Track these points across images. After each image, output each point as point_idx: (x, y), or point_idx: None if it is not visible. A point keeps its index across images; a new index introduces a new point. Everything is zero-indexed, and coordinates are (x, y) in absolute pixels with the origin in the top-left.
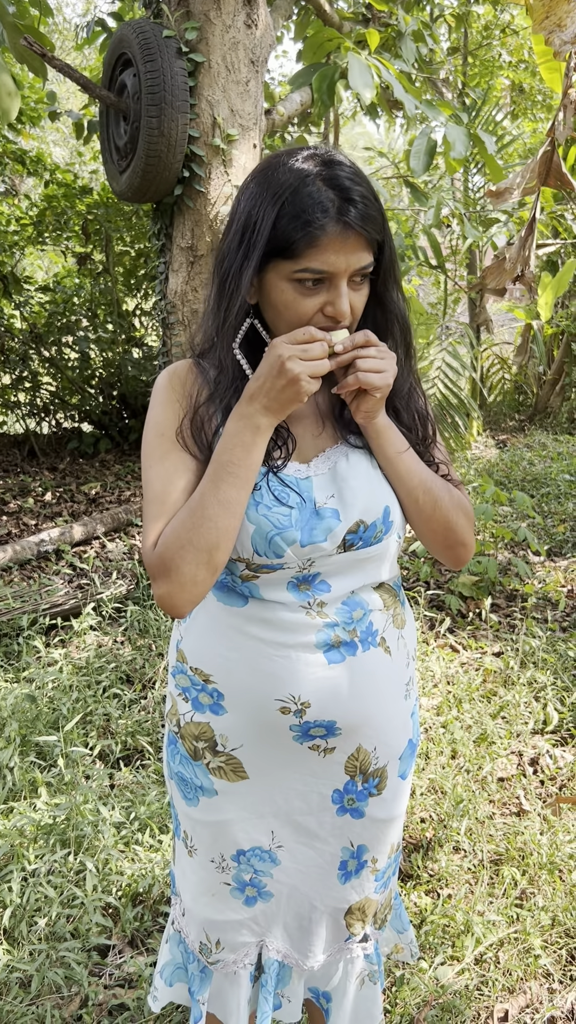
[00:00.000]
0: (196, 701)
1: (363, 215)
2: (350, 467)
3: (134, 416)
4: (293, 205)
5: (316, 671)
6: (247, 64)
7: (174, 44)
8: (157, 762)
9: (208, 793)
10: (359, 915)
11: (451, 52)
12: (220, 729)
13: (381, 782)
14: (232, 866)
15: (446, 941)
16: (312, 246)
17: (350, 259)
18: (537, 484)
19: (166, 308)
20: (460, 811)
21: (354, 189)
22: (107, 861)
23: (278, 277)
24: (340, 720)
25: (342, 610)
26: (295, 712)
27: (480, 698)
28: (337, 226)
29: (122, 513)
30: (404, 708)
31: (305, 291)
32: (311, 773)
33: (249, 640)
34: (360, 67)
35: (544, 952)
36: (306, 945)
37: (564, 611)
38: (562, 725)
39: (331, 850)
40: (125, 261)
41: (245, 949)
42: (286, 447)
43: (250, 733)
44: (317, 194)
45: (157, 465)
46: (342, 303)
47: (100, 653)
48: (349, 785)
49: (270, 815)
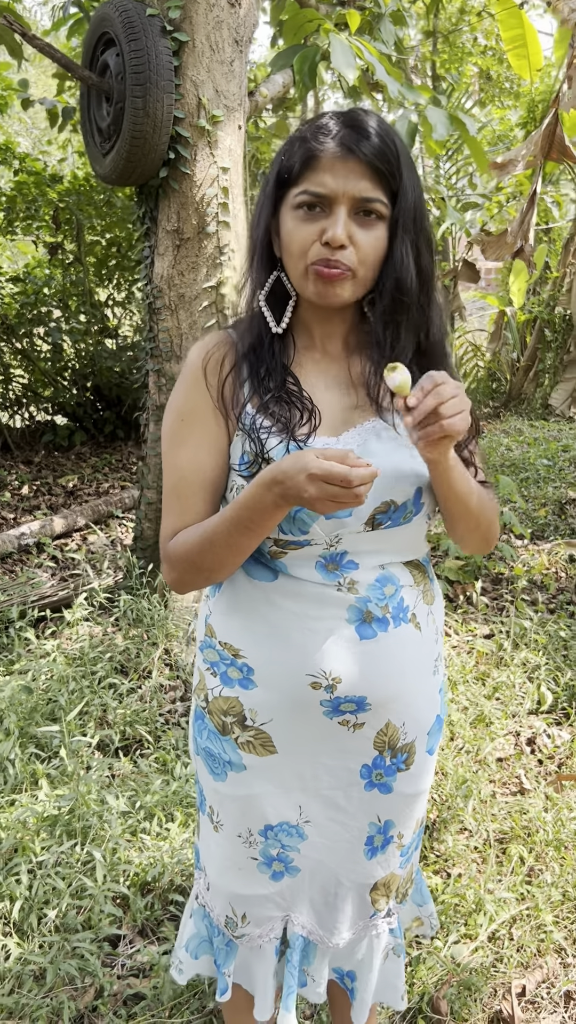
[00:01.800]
0: (225, 676)
1: (369, 144)
2: (382, 445)
3: (109, 408)
4: (301, 134)
5: (348, 646)
6: (231, 44)
7: (158, 23)
8: (158, 750)
9: (237, 768)
10: (384, 891)
11: (427, 35)
12: (249, 704)
13: (409, 757)
14: (259, 841)
15: (458, 920)
16: (310, 168)
17: (348, 183)
18: (516, 469)
19: (152, 293)
20: (463, 792)
21: (364, 121)
22: (115, 851)
23: (287, 209)
24: (371, 696)
25: (374, 586)
26: (326, 687)
27: (474, 680)
28: (338, 148)
29: (102, 505)
30: (433, 684)
31: (305, 217)
32: (340, 748)
33: (280, 614)
34: (343, 48)
35: (556, 927)
36: (332, 922)
37: (551, 593)
38: (557, 705)
39: (358, 825)
40: (97, 251)
41: (271, 924)
42: (312, 421)
43: (280, 708)
44: (325, 121)
45: (174, 453)
46: (337, 228)
47: (93, 644)
48: (378, 760)
49: (298, 790)
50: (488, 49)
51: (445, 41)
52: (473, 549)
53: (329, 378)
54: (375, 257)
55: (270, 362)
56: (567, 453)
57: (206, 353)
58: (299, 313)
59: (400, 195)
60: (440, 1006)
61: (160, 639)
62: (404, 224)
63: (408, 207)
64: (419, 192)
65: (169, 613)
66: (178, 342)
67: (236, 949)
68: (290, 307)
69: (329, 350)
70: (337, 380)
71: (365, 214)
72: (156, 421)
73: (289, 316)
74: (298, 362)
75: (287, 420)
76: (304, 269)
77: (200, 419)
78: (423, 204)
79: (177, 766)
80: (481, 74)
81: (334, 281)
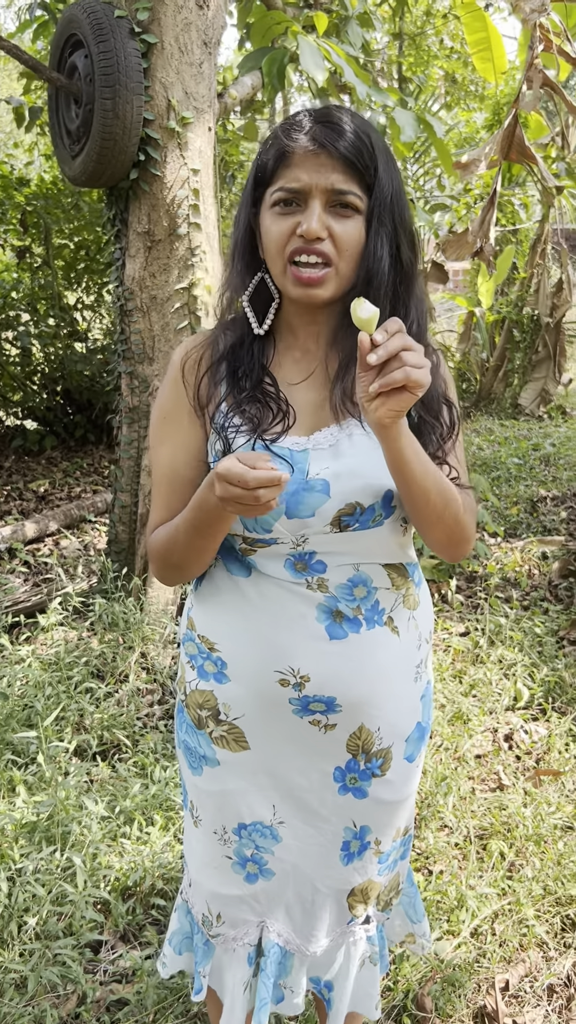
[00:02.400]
0: (201, 669)
1: (341, 138)
2: (352, 445)
3: (79, 411)
4: (275, 132)
5: (317, 645)
6: (200, 45)
7: (126, 24)
8: (136, 754)
9: (211, 763)
10: (361, 897)
11: (394, 37)
12: (223, 698)
13: (385, 763)
14: (234, 839)
15: (441, 917)
16: (283, 164)
17: (321, 177)
18: (487, 468)
19: (123, 295)
20: (443, 789)
21: (337, 116)
22: (95, 856)
23: (264, 209)
24: (340, 697)
25: (344, 587)
26: (294, 685)
27: (451, 677)
28: (309, 143)
29: (74, 509)
30: (413, 690)
31: (281, 213)
32: (312, 749)
33: (253, 609)
34: (311, 50)
35: (538, 921)
36: (308, 929)
37: (525, 590)
38: (533, 700)
39: (333, 829)
40: (65, 254)
41: (245, 927)
42: (285, 421)
43: (251, 703)
44: (298, 119)
45: (157, 450)
46: (311, 219)
47: (69, 648)
48: (351, 764)
49: (271, 788)
50: (453, 52)
51: (411, 44)
52: (440, 550)
53: (308, 377)
54: (353, 249)
55: (248, 362)
56: (537, 452)
57: (186, 352)
58: (283, 312)
59: (376, 188)
60: (425, 1003)
61: (136, 643)
62: (380, 217)
63: (384, 200)
64: (398, 186)
65: (145, 616)
66: (150, 344)
67: (213, 950)
68: (273, 308)
69: (311, 348)
70: (316, 378)
71: (341, 207)
72: (129, 424)
73: (272, 318)
74: (278, 362)
75: (259, 419)
76: (283, 267)
77: (178, 418)
78: (403, 198)
79: (156, 770)
80: (447, 77)
81: (314, 284)
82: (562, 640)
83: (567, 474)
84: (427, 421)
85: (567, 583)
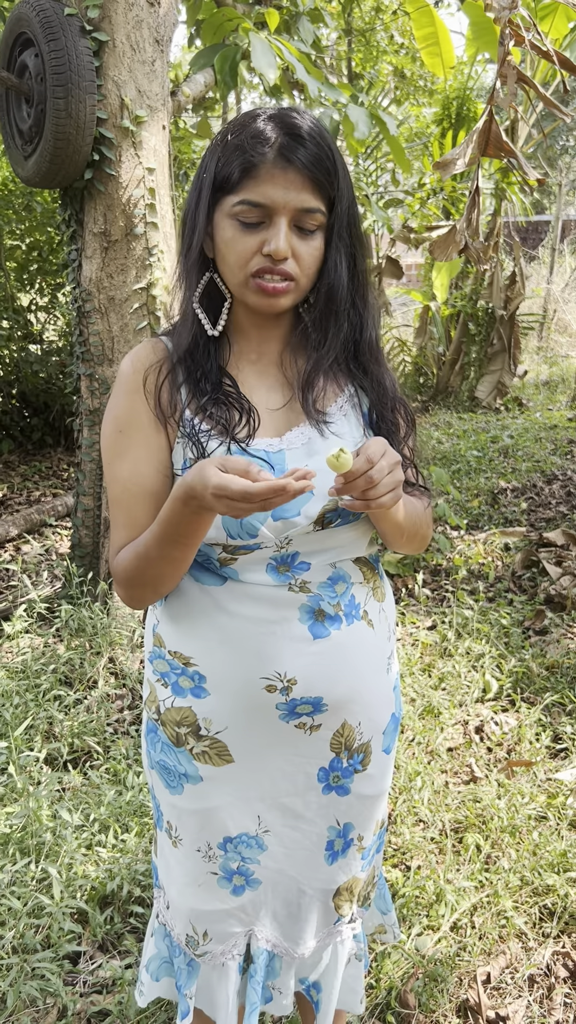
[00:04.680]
0: (176, 686)
1: (308, 153)
2: (325, 443)
3: (36, 414)
4: (237, 137)
5: (302, 647)
6: (152, 43)
7: (77, 23)
8: (108, 761)
9: (193, 780)
10: (347, 895)
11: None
12: (203, 713)
13: (366, 757)
14: (219, 855)
15: (420, 912)
16: (250, 176)
17: (289, 195)
18: (447, 461)
19: (81, 296)
20: (417, 784)
21: (303, 128)
22: (71, 866)
23: (222, 215)
24: (327, 696)
25: (326, 584)
26: (281, 690)
27: (420, 671)
28: (278, 159)
29: (35, 514)
30: (387, 681)
31: (245, 228)
32: (297, 752)
33: (230, 619)
34: (263, 47)
35: (516, 912)
36: (296, 932)
37: (490, 582)
38: (502, 692)
39: (317, 831)
40: (17, 255)
41: (233, 940)
42: (251, 423)
43: (235, 715)
44: (262, 127)
45: (115, 465)
46: (279, 239)
47: (35, 656)
48: (335, 762)
49: (256, 799)
50: (402, 48)
51: (361, 40)
52: (406, 552)
53: (267, 379)
54: (315, 266)
55: (206, 364)
56: (496, 444)
57: (138, 361)
58: (235, 315)
59: (336, 202)
60: (408, 1000)
61: (104, 647)
62: (339, 231)
63: (343, 213)
64: (352, 195)
65: (112, 620)
66: (109, 345)
67: (198, 969)
68: (225, 308)
69: (265, 351)
70: (275, 381)
71: (305, 226)
72: (90, 426)
73: (225, 318)
74: (235, 364)
75: (227, 422)
76: (245, 280)
77: (139, 429)
78: (356, 207)
79: (129, 775)
80: (396, 72)
81: (278, 295)
82: (528, 630)
83: (526, 465)
84: (387, 423)
85: (530, 573)
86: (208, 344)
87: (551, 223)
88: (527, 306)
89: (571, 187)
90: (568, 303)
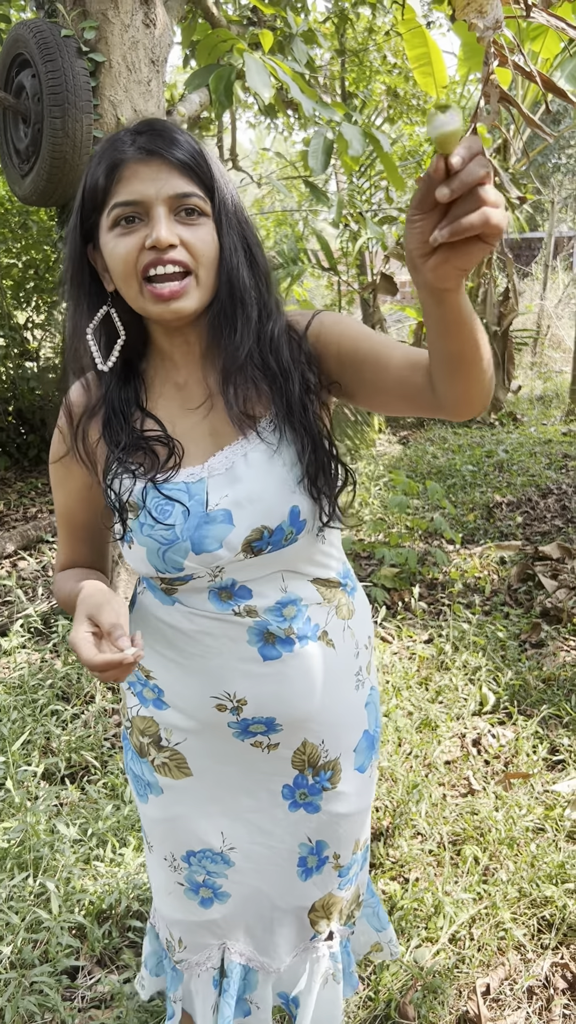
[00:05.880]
0: (141, 695)
1: (168, 141)
2: (249, 467)
3: (33, 431)
4: (98, 153)
5: (251, 668)
6: (147, 63)
7: (73, 44)
8: (106, 775)
9: (155, 790)
10: (323, 912)
11: (338, 53)
12: (164, 723)
13: (335, 775)
14: (183, 867)
15: (418, 924)
16: (115, 180)
17: (159, 184)
18: (443, 476)
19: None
20: (414, 796)
21: (159, 123)
22: (69, 880)
23: (104, 233)
24: (280, 716)
25: (273, 609)
26: (231, 710)
27: (417, 685)
28: (138, 153)
29: (31, 530)
30: (355, 699)
31: (123, 232)
32: (256, 770)
33: (182, 637)
34: (257, 67)
35: (515, 924)
36: (270, 946)
37: (486, 595)
38: (499, 704)
39: (287, 847)
40: (14, 273)
41: (207, 951)
42: (174, 456)
43: (191, 729)
44: (120, 135)
45: (55, 491)
46: (159, 228)
47: (32, 671)
48: (299, 779)
49: (218, 814)
50: (395, 67)
51: (354, 60)
52: (480, 402)
53: (192, 402)
54: (210, 255)
55: (119, 407)
56: (491, 458)
57: (67, 404)
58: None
59: (216, 191)
60: (407, 1012)
61: None
62: (228, 220)
63: (227, 202)
64: (233, 188)
65: None
66: None
67: (181, 974)
68: (118, 345)
69: (192, 372)
70: (200, 402)
71: (187, 213)
72: None
73: (117, 354)
74: (159, 393)
75: (150, 464)
76: (139, 287)
77: (66, 471)
78: (240, 201)
79: (127, 790)
80: (389, 91)
81: (176, 297)
82: (524, 643)
83: (520, 479)
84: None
85: (526, 587)
86: (122, 387)
87: (544, 240)
88: (521, 322)
89: (564, 204)
90: (562, 319)
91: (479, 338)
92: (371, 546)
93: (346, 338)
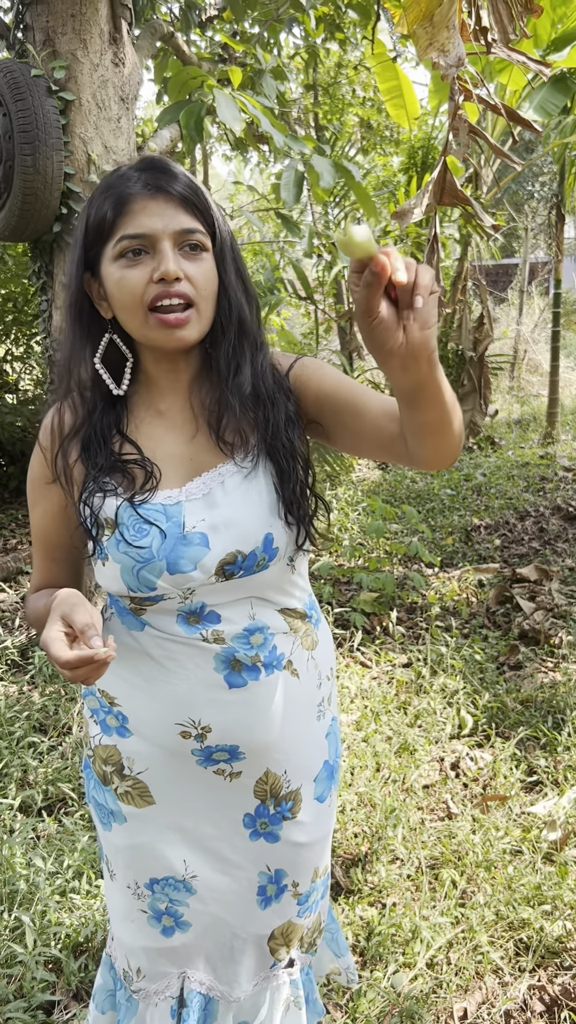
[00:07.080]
0: (104, 723)
1: (173, 179)
2: (226, 494)
3: (13, 463)
4: (104, 187)
5: (216, 695)
6: (117, 101)
7: (43, 83)
8: (83, 807)
9: (118, 819)
10: (282, 940)
11: (308, 88)
12: (126, 752)
13: (295, 805)
14: (147, 894)
15: (396, 950)
16: (123, 214)
17: (165, 220)
18: (421, 500)
19: (52, 346)
20: (392, 821)
21: (161, 161)
22: (44, 913)
23: (107, 263)
24: (243, 744)
25: (240, 636)
26: (196, 736)
27: (396, 709)
28: (145, 189)
29: (10, 562)
30: (316, 729)
31: (130, 263)
32: (219, 798)
33: (149, 663)
34: (227, 102)
35: (492, 947)
36: (231, 975)
37: (464, 618)
38: (477, 727)
39: (247, 876)
40: None
41: (166, 980)
42: (152, 478)
43: (154, 757)
44: (126, 171)
45: (31, 511)
46: (167, 261)
47: (9, 703)
48: (260, 809)
49: (180, 842)
50: (367, 100)
51: (325, 93)
52: (449, 456)
53: (174, 427)
54: (211, 288)
55: (100, 430)
56: (469, 482)
57: (46, 427)
58: (141, 367)
59: (216, 228)
60: None
61: (78, 694)
62: (226, 256)
63: (225, 239)
64: (228, 227)
65: None
66: None
67: (137, 1005)
68: (128, 368)
69: (175, 399)
70: (183, 428)
71: (190, 248)
72: None
73: (129, 378)
74: (140, 418)
75: (125, 485)
76: (144, 317)
77: (43, 490)
78: (233, 236)
79: None
80: (362, 123)
81: (181, 325)
82: (502, 665)
83: (498, 503)
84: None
85: (504, 609)
86: (104, 411)
87: (520, 266)
88: (498, 347)
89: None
90: (538, 343)
91: (449, 407)
92: (350, 571)
93: (326, 382)
